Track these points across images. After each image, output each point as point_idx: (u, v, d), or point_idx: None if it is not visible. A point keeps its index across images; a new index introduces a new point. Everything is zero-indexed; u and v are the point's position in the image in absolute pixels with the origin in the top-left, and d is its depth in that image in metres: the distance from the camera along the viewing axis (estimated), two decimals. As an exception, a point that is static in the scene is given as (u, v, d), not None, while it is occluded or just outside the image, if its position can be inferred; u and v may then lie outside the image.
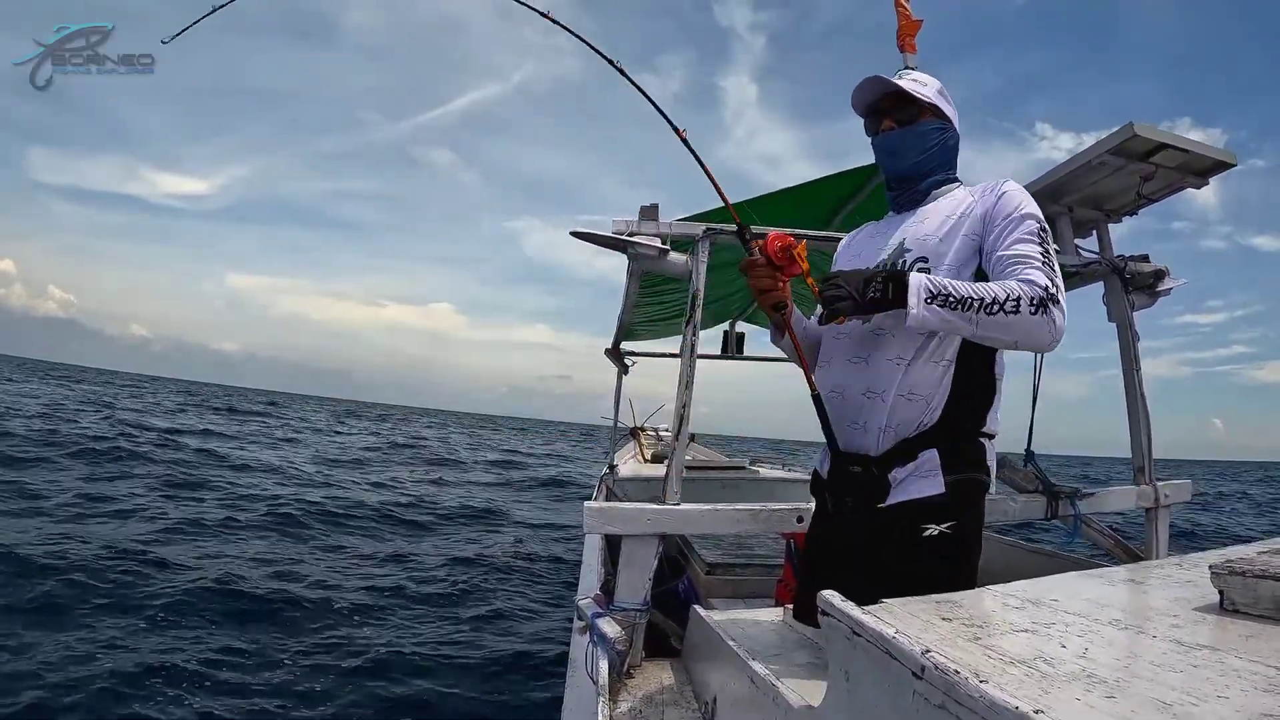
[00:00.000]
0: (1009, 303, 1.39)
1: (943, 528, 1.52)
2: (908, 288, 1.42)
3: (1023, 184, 1.59)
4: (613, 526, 2.15)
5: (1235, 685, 0.70)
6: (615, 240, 2.34)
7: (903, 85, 1.69)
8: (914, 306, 1.41)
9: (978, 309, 1.39)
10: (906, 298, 1.42)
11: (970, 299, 1.40)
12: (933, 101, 1.72)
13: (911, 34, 2.61)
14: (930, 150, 1.72)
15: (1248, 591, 0.94)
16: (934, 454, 1.55)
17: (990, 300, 1.39)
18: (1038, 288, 1.40)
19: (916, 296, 1.41)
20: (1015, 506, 2.54)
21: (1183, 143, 2.43)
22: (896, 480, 1.56)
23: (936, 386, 1.56)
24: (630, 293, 3.34)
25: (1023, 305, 1.39)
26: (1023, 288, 1.40)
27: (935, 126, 1.73)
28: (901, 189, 1.78)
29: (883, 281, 1.45)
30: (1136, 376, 2.80)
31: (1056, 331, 1.42)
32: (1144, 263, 2.81)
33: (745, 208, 2.83)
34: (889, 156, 1.77)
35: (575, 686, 2.45)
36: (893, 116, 1.73)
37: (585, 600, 2.23)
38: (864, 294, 1.45)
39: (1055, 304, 1.40)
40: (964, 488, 1.56)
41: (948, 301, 1.40)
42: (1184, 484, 2.88)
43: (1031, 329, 1.40)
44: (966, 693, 0.70)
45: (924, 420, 1.56)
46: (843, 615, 0.95)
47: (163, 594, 5.51)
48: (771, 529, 2.28)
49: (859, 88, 1.75)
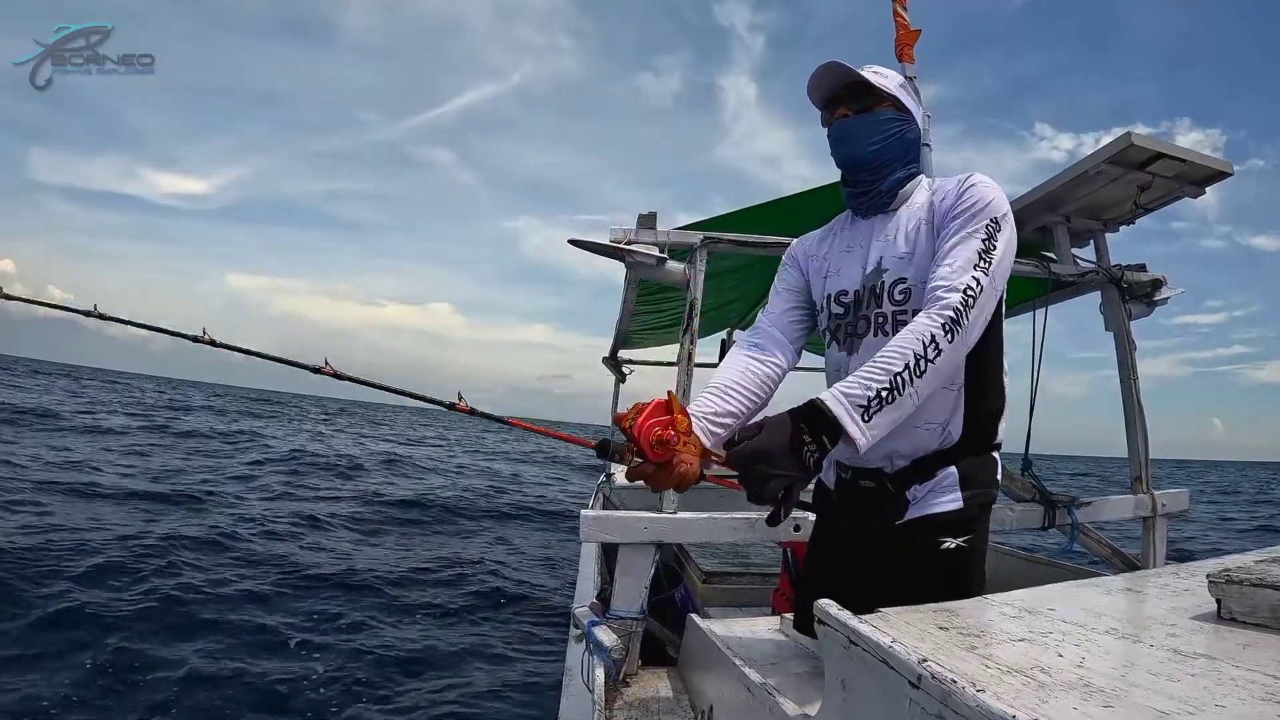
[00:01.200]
0: (929, 350, 1.28)
1: (959, 541, 1.49)
2: (838, 422, 1.24)
3: (1022, 193, 1.53)
4: (609, 535, 2.14)
5: (1233, 694, 0.70)
6: (613, 249, 2.34)
7: (861, 74, 1.58)
8: (858, 435, 1.25)
9: (908, 380, 1.27)
10: (845, 433, 1.25)
11: (895, 382, 1.27)
12: (893, 93, 1.61)
13: (910, 44, 2.62)
14: (888, 140, 1.60)
15: (1245, 600, 0.94)
16: (953, 471, 1.50)
17: (913, 364, 1.28)
18: (946, 307, 1.32)
19: (855, 425, 1.24)
20: (1013, 515, 2.54)
21: (1180, 152, 2.44)
22: (915, 498, 1.51)
23: (952, 412, 1.51)
24: (628, 301, 3.34)
25: (941, 342, 1.29)
26: (928, 322, 1.31)
27: (893, 116, 1.61)
28: (859, 184, 1.64)
29: (810, 437, 1.25)
30: (1134, 386, 2.81)
31: (969, 334, 1.34)
32: (1141, 272, 2.82)
33: (738, 218, 2.84)
34: (841, 143, 1.63)
35: (571, 695, 2.44)
36: (848, 105, 1.61)
37: (581, 608, 2.22)
38: (804, 463, 1.25)
39: (962, 310, 1.32)
40: (979, 501, 1.53)
41: (882, 404, 1.26)
42: (1181, 493, 2.88)
43: (957, 355, 1.34)
44: (963, 702, 0.69)
45: (942, 442, 1.52)
46: (839, 624, 0.94)
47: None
48: (769, 538, 2.28)
49: (815, 75, 1.61)
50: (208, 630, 5.06)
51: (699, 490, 3.88)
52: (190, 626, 5.09)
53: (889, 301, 1.54)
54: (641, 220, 2.41)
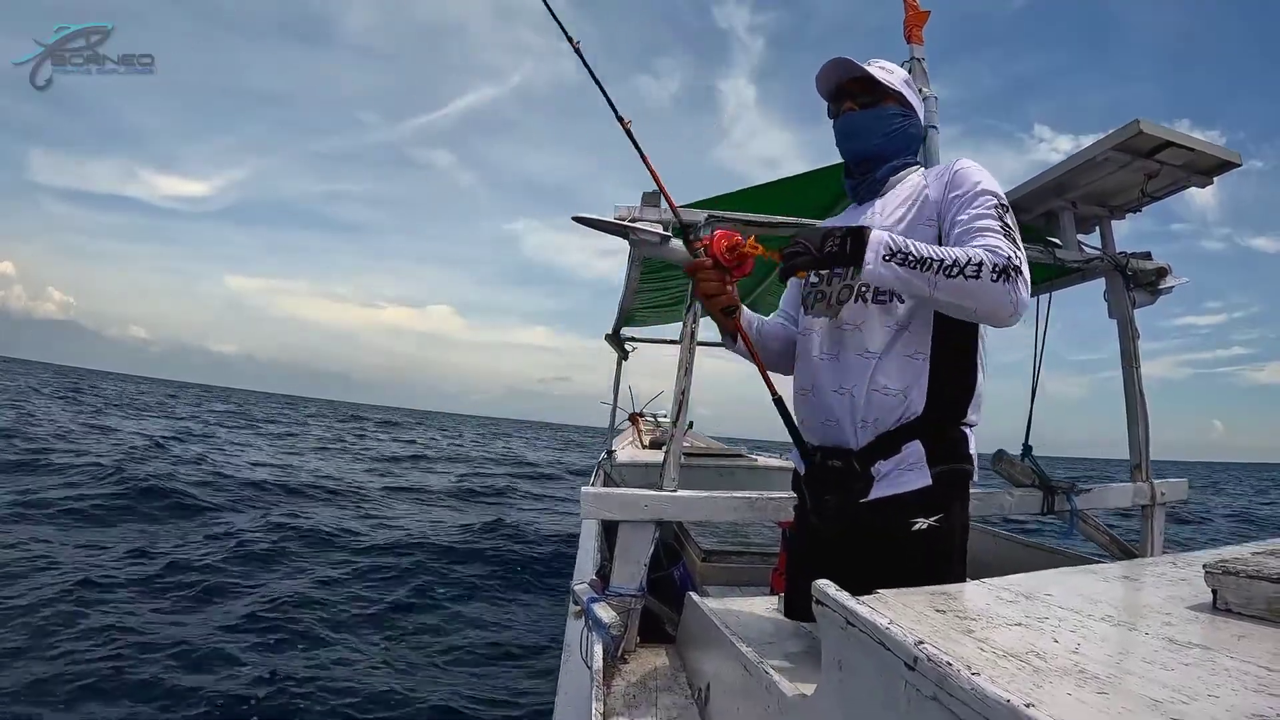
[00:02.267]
0: (969, 266, 1.33)
1: (931, 520, 1.49)
2: (864, 240, 1.37)
3: (1027, 178, 1.57)
4: (610, 512, 2.15)
5: (1226, 685, 0.70)
6: (617, 226, 2.33)
7: (868, 69, 1.66)
8: (870, 261, 1.36)
9: (936, 270, 1.34)
10: (864, 251, 1.37)
11: (930, 259, 1.34)
12: (898, 89, 1.68)
13: (919, 25, 2.59)
14: (892, 134, 1.68)
15: (1241, 592, 0.94)
16: (918, 446, 1.51)
17: (950, 262, 1.34)
18: (1000, 255, 1.35)
19: (874, 252, 1.36)
20: (1011, 500, 2.55)
21: (1188, 141, 2.42)
22: (880, 474, 1.53)
23: (914, 380, 1.53)
24: (631, 278, 3.33)
25: (984, 271, 1.33)
26: (985, 254, 1.35)
27: (898, 112, 1.69)
28: (860, 175, 1.73)
29: (841, 236, 1.39)
30: (1136, 374, 2.80)
31: (1018, 302, 1.36)
32: (1146, 260, 2.81)
33: (743, 197, 2.82)
34: (849, 138, 1.72)
35: (570, 671, 2.46)
36: (855, 99, 1.69)
37: (581, 585, 2.24)
38: (822, 247, 1.40)
39: (1018, 274, 1.35)
40: (950, 478, 1.53)
41: (906, 260, 1.35)
42: (1180, 482, 2.88)
43: (992, 296, 1.34)
44: (958, 685, 0.70)
45: (903, 414, 1.53)
46: (837, 605, 0.95)
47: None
48: (768, 517, 2.28)
49: (824, 69, 1.70)
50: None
51: (699, 469, 3.88)
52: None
53: None
54: (646, 198, 2.39)
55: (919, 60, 2.56)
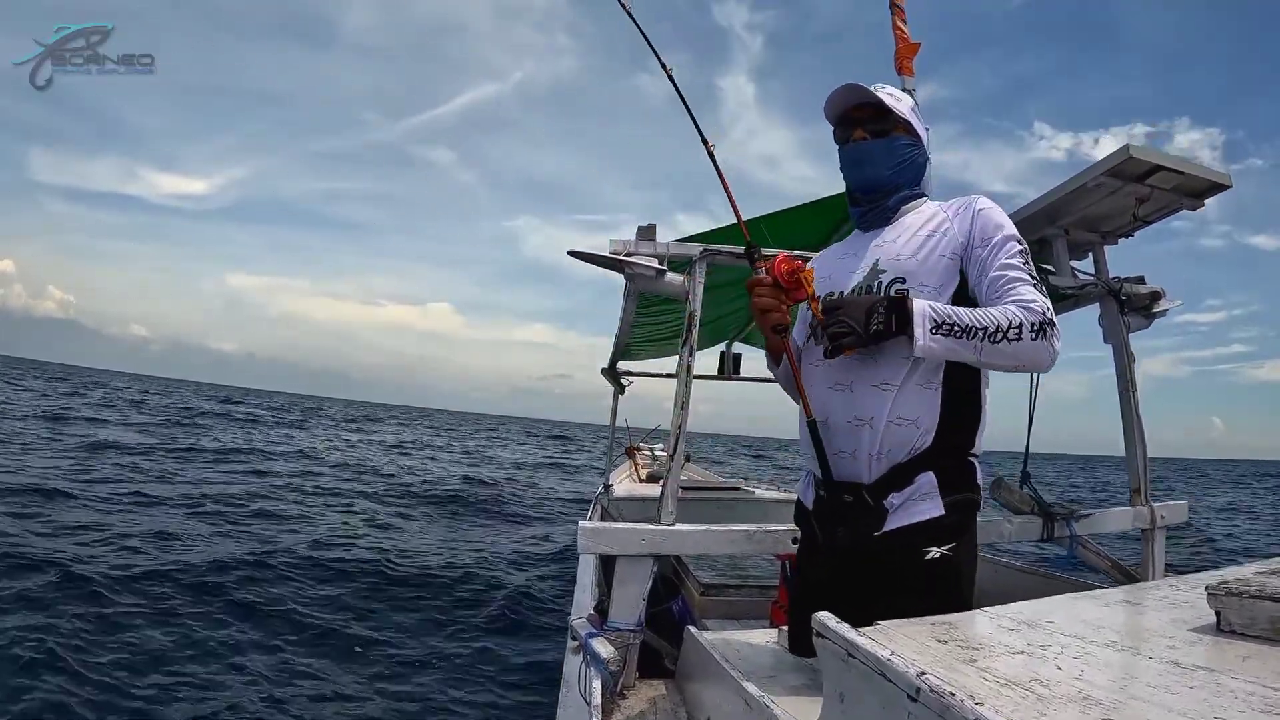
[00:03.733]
0: (1011, 330, 1.40)
1: (944, 550, 1.50)
2: (911, 317, 1.42)
3: (1020, 198, 1.60)
4: (607, 546, 2.14)
5: (1232, 706, 0.70)
6: (612, 260, 2.34)
7: (879, 96, 1.66)
8: (920, 337, 1.41)
9: (983, 338, 1.40)
10: (911, 328, 1.42)
11: (974, 328, 1.40)
12: (906, 118, 1.69)
13: (910, 56, 2.63)
14: (900, 165, 1.69)
15: (1244, 612, 0.94)
16: (931, 477, 1.52)
17: (995, 329, 1.40)
18: (1035, 313, 1.41)
19: (922, 327, 1.41)
20: (1011, 528, 2.53)
21: (1179, 164, 2.45)
22: (893, 506, 1.53)
23: (929, 410, 1.54)
24: (627, 313, 3.34)
25: (1025, 332, 1.40)
26: (1023, 314, 1.41)
27: (907, 142, 1.70)
28: (869, 204, 1.73)
29: (885, 311, 1.44)
30: (1133, 399, 2.80)
31: (1055, 354, 1.44)
32: (1140, 284, 2.82)
33: (758, 224, 2.84)
34: (858, 167, 1.72)
35: (568, 706, 2.43)
36: (865, 127, 1.69)
37: (579, 620, 2.21)
38: (868, 326, 1.45)
39: (1053, 327, 1.42)
40: (961, 508, 1.54)
41: (953, 330, 1.41)
42: (1180, 505, 2.87)
43: (1034, 354, 1.42)
44: (962, 715, 0.69)
45: (917, 444, 1.53)
46: (837, 637, 0.94)
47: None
48: (766, 550, 2.27)
49: (833, 95, 1.71)
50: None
51: (697, 503, 3.86)
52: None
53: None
54: (641, 232, 2.41)
55: (910, 92, 2.59)
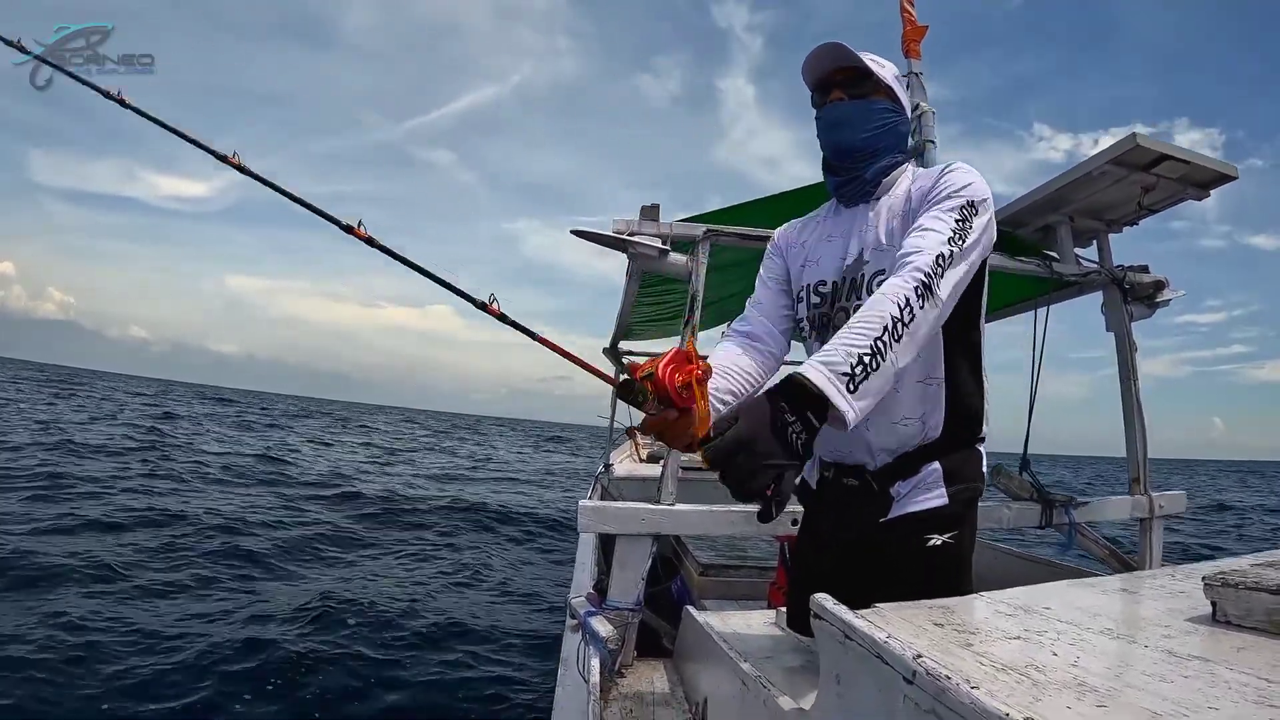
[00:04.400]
0: (904, 314, 1.20)
1: (945, 538, 1.49)
2: (823, 396, 1.12)
3: (1025, 192, 1.53)
4: (607, 526, 2.15)
5: (1226, 697, 0.70)
6: (616, 240, 2.33)
7: (861, 57, 1.54)
8: (847, 410, 1.13)
9: (886, 346, 1.18)
10: (833, 407, 1.13)
11: (874, 344, 1.17)
12: (889, 84, 1.58)
13: (917, 39, 2.61)
14: (880, 129, 1.56)
15: (1240, 603, 0.94)
16: (937, 467, 1.50)
17: (889, 327, 1.19)
18: (914, 268, 1.24)
19: (842, 398, 1.13)
20: (1010, 514, 2.54)
21: (1184, 154, 2.44)
22: (899, 494, 1.51)
23: (932, 407, 1.50)
24: (629, 292, 3.34)
25: (914, 305, 1.21)
26: (900, 285, 1.23)
27: (888, 107, 1.58)
28: (845, 171, 1.60)
29: (794, 416, 1.12)
30: (1134, 387, 2.80)
31: (944, 307, 1.27)
32: (1144, 273, 2.81)
33: (730, 214, 2.83)
34: (834, 128, 1.59)
35: (566, 685, 2.45)
36: (844, 89, 1.57)
37: (578, 599, 2.23)
38: (793, 448, 1.12)
39: (936, 276, 1.24)
40: (964, 497, 1.52)
41: (864, 370, 1.15)
42: (1178, 494, 2.88)
43: (932, 322, 1.25)
44: (957, 699, 0.70)
45: (925, 438, 1.51)
46: (835, 619, 0.94)
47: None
48: (766, 532, 2.28)
49: (814, 54, 1.56)
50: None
51: (697, 483, 3.85)
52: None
53: (868, 293, 1.49)
54: (644, 212, 2.40)
55: (917, 75, 2.57)
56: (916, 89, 2.53)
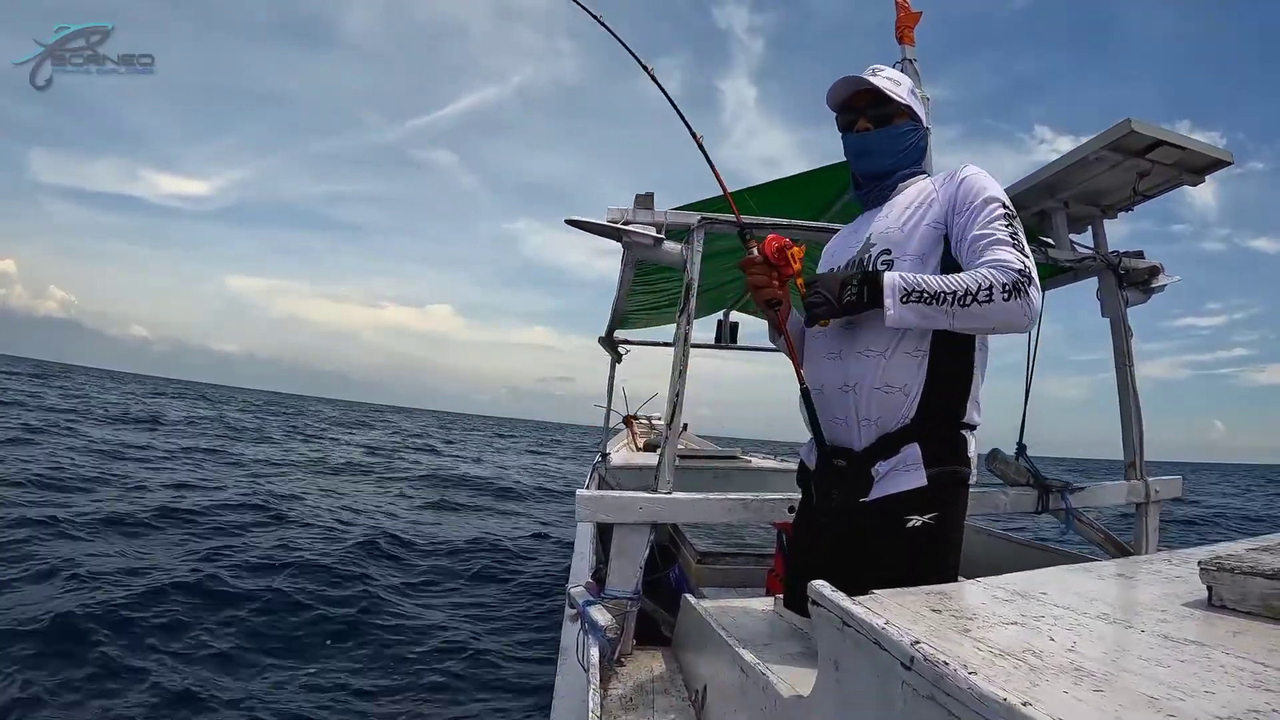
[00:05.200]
0: (981, 293, 1.40)
1: (925, 518, 1.54)
2: (882, 288, 1.46)
3: (1020, 178, 1.59)
4: (605, 515, 2.15)
5: (1222, 681, 0.70)
6: (610, 229, 2.33)
7: (878, 84, 1.69)
8: (890, 306, 1.45)
9: (953, 302, 1.42)
10: (882, 298, 1.46)
11: (944, 293, 1.42)
12: (906, 102, 1.72)
13: (911, 26, 2.60)
14: (903, 151, 1.74)
15: (1236, 588, 0.95)
16: (915, 448, 1.57)
17: (964, 292, 1.41)
18: (1011, 271, 1.41)
19: (892, 296, 1.45)
20: (1006, 499, 2.55)
21: (1179, 139, 2.43)
22: (879, 474, 1.58)
23: (914, 377, 1.58)
24: (625, 281, 3.33)
25: (995, 293, 1.40)
26: (994, 275, 1.42)
27: (909, 128, 1.74)
28: (870, 187, 1.79)
29: (858, 284, 1.49)
30: (1130, 373, 2.81)
31: (1032, 313, 1.43)
32: (1139, 259, 2.82)
33: (744, 195, 2.83)
34: (862, 157, 1.77)
35: (566, 673, 2.46)
36: (867, 115, 1.74)
37: (577, 588, 2.23)
38: (840, 297, 1.51)
39: (1030, 284, 1.41)
40: (945, 480, 1.58)
41: (923, 297, 1.43)
42: (1174, 480, 2.89)
43: (1007, 315, 1.42)
44: (955, 684, 0.70)
45: (904, 413, 1.58)
46: (833, 605, 0.95)
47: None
48: (763, 518, 2.28)
49: (834, 86, 1.75)
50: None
51: (694, 471, 3.90)
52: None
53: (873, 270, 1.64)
54: (639, 200, 2.39)
55: (911, 61, 2.56)
56: (911, 75, 2.53)
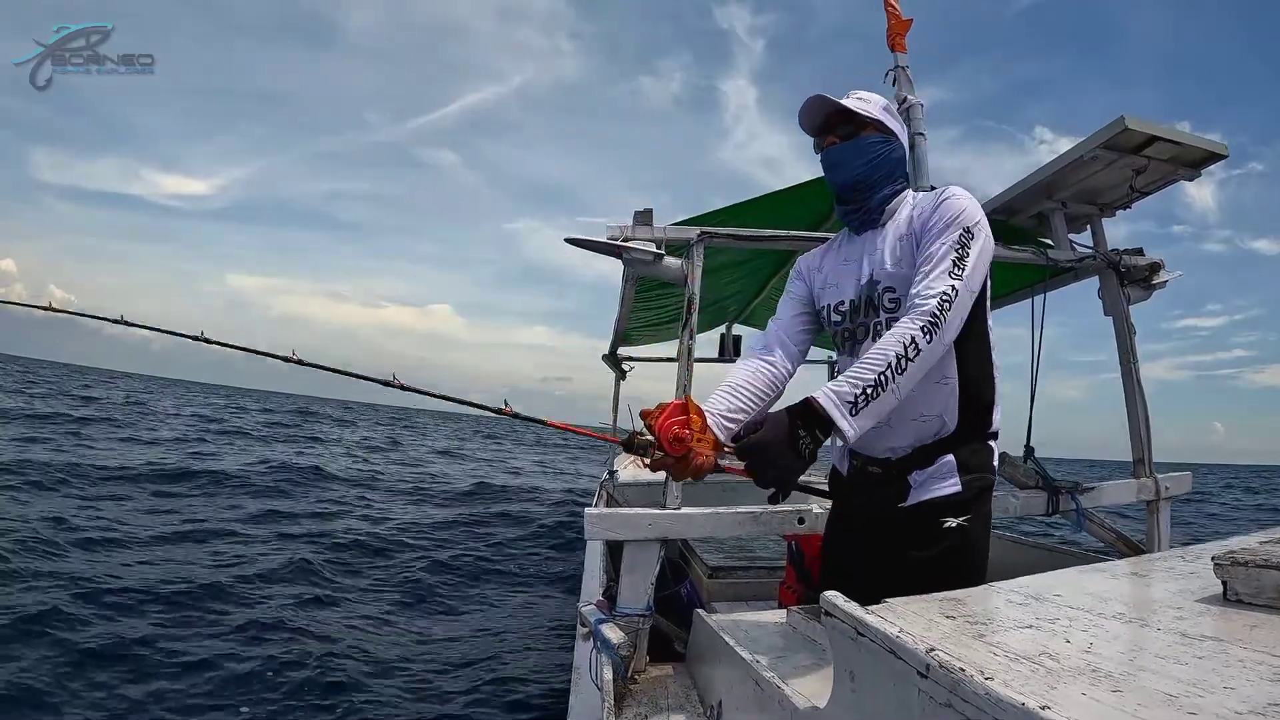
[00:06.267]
0: (909, 350, 1.42)
1: (960, 520, 1.61)
2: (829, 418, 1.40)
3: (1016, 180, 1.61)
4: (614, 532, 2.14)
5: (1241, 676, 0.70)
6: (610, 246, 2.33)
7: (844, 103, 1.74)
8: (847, 428, 1.40)
9: (890, 378, 1.41)
10: (836, 427, 1.40)
11: (879, 377, 1.41)
12: (876, 117, 1.76)
13: (902, 33, 2.61)
14: (873, 161, 1.75)
15: (1251, 582, 0.94)
16: (951, 459, 1.64)
17: (894, 362, 1.41)
18: (922, 311, 1.45)
19: (843, 419, 1.40)
20: (1016, 502, 2.54)
21: (1174, 135, 2.44)
22: (916, 482, 1.65)
23: (946, 404, 1.64)
24: (626, 298, 3.34)
25: (919, 342, 1.42)
26: (910, 327, 1.44)
27: (878, 140, 1.76)
28: (851, 202, 1.79)
29: (805, 431, 1.41)
30: (1134, 370, 2.81)
31: (947, 339, 1.47)
32: (1139, 256, 2.82)
33: (730, 213, 2.84)
34: (832, 169, 1.80)
35: (580, 692, 2.44)
36: (836, 133, 1.77)
37: (588, 606, 2.22)
38: (796, 461, 1.41)
39: (941, 312, 1.44)
40: (977, 485, 1.65)
41: (866, 397, 1.40)
42: (1184, 476, 2.87)
43: (933, 355, 1.46)
44: (972, 690, 0.70)
45: (940, 431, 1.65)
46: (846, 615, 0.94)
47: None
48: (773, 531, 2.28)
49: (803, 108, 1.79)
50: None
51: (703, 485, 3.92)
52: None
53: (883, 310, 1.69)
54: (638, 217, 2.40)
55: (903, 69, 2.57)
56: (904, 82, 2.54)
